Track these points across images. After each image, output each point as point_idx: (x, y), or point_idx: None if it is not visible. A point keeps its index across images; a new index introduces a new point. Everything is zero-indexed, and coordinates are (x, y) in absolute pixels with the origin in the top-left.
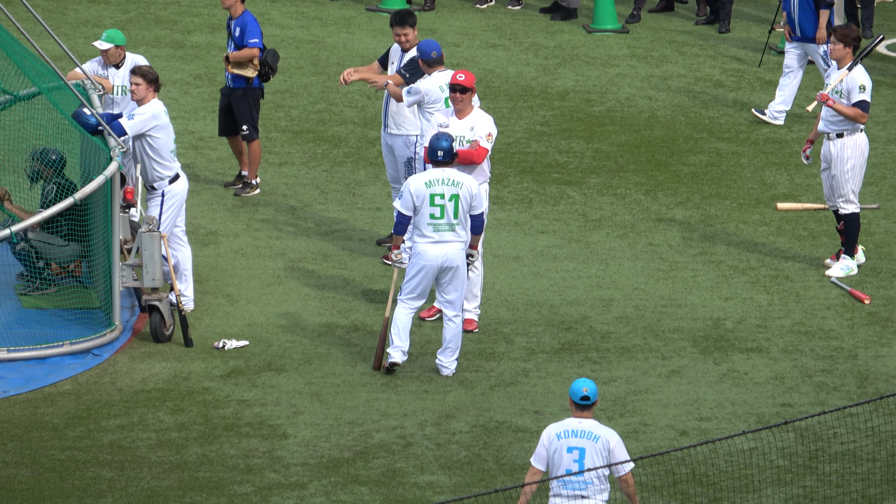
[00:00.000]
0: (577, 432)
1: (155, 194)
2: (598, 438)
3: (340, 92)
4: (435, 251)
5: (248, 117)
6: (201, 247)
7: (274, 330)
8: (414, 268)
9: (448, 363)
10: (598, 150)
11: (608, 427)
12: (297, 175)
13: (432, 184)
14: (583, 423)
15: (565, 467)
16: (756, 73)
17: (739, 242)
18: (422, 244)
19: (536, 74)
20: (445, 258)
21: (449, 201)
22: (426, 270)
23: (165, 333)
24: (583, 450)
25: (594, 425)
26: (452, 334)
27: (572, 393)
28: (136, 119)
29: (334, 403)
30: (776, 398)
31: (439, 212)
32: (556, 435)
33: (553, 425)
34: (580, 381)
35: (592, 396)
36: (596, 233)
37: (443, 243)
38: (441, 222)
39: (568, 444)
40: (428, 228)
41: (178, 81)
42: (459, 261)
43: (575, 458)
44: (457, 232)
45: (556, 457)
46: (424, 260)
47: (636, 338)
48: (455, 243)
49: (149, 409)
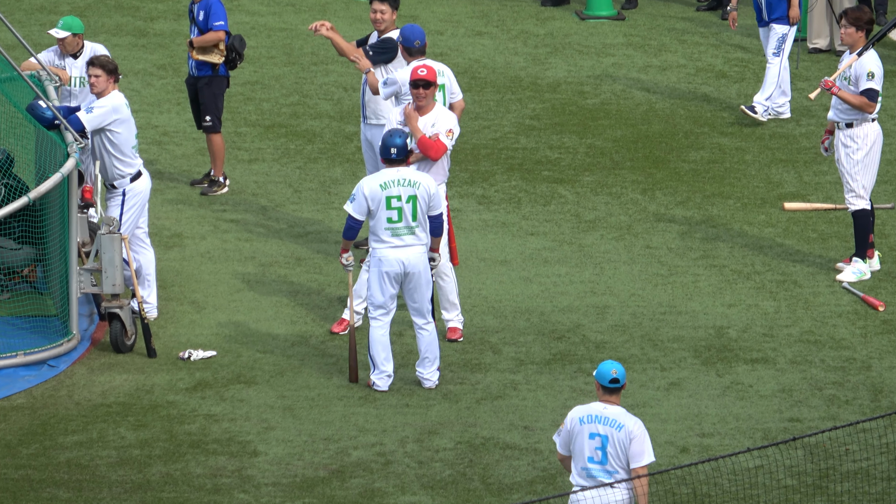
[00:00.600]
0: (601, 418)
1: (115, 193)
2: (621, 427)
3: (315, 84)
4: (395, 256)
5: (212, 107)
6: (165, 250)
7: (243, 339)
8: (374, 277)
9: (429, 374)
10: (592, 145)
11: (635, 416)
12: (268, 173)
13: (388, 185)
14: (608, 409)
15: (587, 455)
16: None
17: (744, 245)
18: (381, 250)
19: (526, 64)
20: (407, 263)
21: (406, 203)
22: (388, 278)
23: (127, 343)
24: (605, 438)
25: (620, 413)
26: (427, 343)
27: (599, 376)
28: (95, 112)
29: (308, 418)
30: (783, 412)
31: (397, 215)
32: (580, 419)
33: (579, 407)
34: (608, 363)
35: (622, 379)
36: (590, 235)
37: (403, 247)
38: (399, 226)
39: (590, 430)
40: (386, 233)
41: (141, 72)
42: (422, 265)
43: (597, 446)
44: (417, 235)
45: (577, 442)
46: (385, 266)
47: (633, 348)
48: (416, 247)
49: (109, 425)
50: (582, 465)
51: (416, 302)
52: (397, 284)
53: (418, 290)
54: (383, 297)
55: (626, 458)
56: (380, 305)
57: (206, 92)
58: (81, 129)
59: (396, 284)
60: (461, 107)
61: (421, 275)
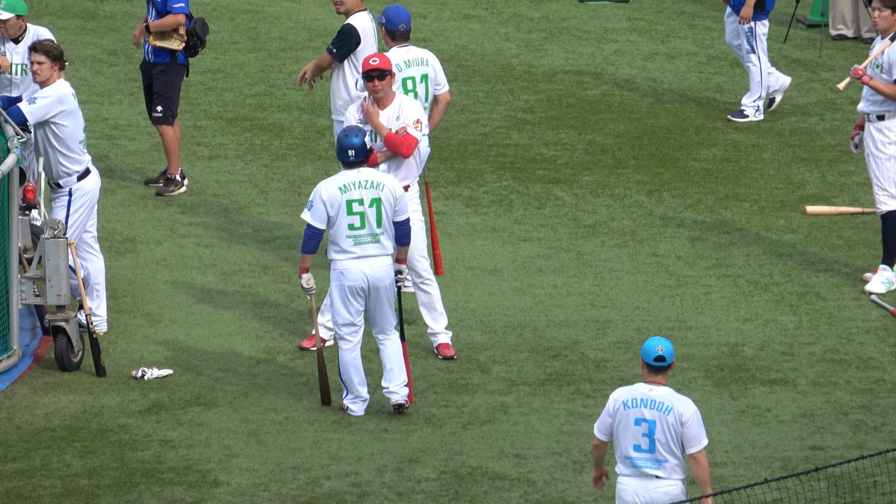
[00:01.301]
0: (646, 401)
1: (61, 193)
2: (670, 410)
3: (283, 72)
4: (358, 268)
5: (165, 97)
6: (116, 256)
7: (203, 357)
8: (336, 292)
9: (396, 388)
10: (592, 141)
11: (684, 396)
12: (231, 171)
13: (348, 188)
14: (654, 390)
15: (632, 442)
16: (781, 51)
17: (761, 253)
18: (342, 262)
19: (518, 51)
20: (371, 276)
21: (370, 207)
22: (352, 293)
23: (73, 360)
24: (652, 423)
25: (668, 394)
26: (391, 353)
27: (644, 353)
28: (39, 103)
29: (275, 445)
30: (805, 440)
31: (359, 221)
32: (623, 403)
33: (621, 390)
34: (654, 339)
35: (669, 357)
36: (589, 241)
37: (366, 258)
38: (362, 233)
39: (635, 416)
40: (347, 242)
41: (89, 58)
42: (388, 279)
43: (644, 432)
44: (381, 243)
45: (621, 428)
46: (347, 280)
47: (637, 367)
48: (380, 257)
49: (53, 451)
50: (625, 453)
51: (380, 318)
52: (362, 299)
53: (382, 307)
54: (349, 314)
55: (676, 445)
56: (346, 326)
57: (161, 80)
58: (23, 121)
59: (361, 299)
60: (447, 100)
61: (387, 289)
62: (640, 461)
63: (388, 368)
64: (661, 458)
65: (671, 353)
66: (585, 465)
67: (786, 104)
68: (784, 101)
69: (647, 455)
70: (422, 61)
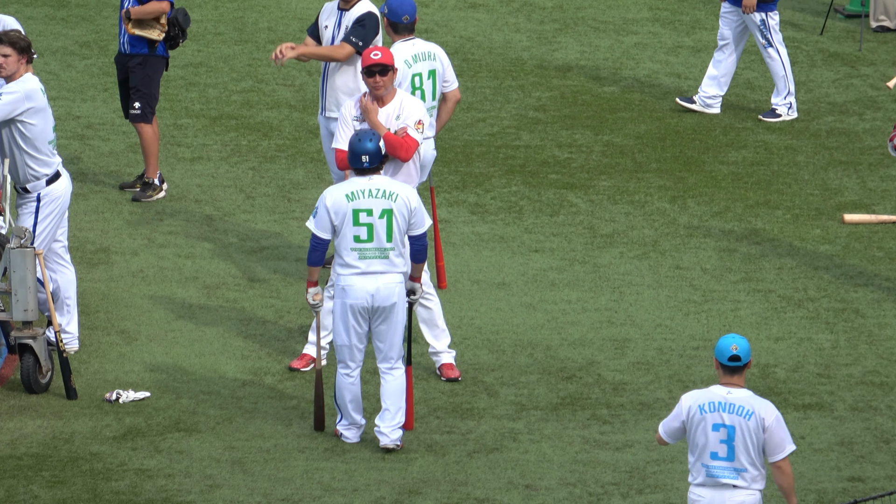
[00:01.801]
0: (724, 405)
1: (28, 198)
2: (750, 415)
3: (272, 66)
4: (362, 286)
5: (143, 92)
6: (89, 268)
7: (183, 378)
8: (337, 311)
9: (387, 429)
10: (610, 143)
11: (765, 399)
12: (214, 174)
13: (356, 196)
14: (732, 393)
15: (710, 449)
16: (817, 43)
17: (795, 266)
18: (346, 277)
19: (530, 44)
20: (377, 295)
21: (379, 219)
22: (354, 313)
23: (41, 381)
24: (732, 428)
25: (747, 397)
26: (391, 391)
27: (718, 353)
28: (4, 100)
29: (262, 474)
30: (842, 470)
31: (366, 233)
32: (699, 408)
33: (695, 393)
34: (728, 338)
35: (745, 356)
36: (607, 252)
37: (372, 275)
38: (369, 247)
39: (713, 421)
40: (352, 255)
41: (60, 50)
42: (396, 297)
43: (722, 439)
44: (391, 259)
45: (697, 435)
46: (350, 298)
47: (659, 390)
48: (389, 274)
49: (19, 481)
50: (703, 461)
51: (383, 343)
52: (366, 321)
53: (389, 330)
54: (348, 337)
55: (757, 452)
56: (345, 347)
57: (139, 73)
58: None
59: (365, 322)
60: (456, 98)
61: (394, 311)
62: (717, 470)
63: (385, 408)
64: (741, 466)
65: (747, 351)
66: (602, 496)
67: (822, 102)
68: (820, 98)
69: (726, 464)
70: (429, 55)
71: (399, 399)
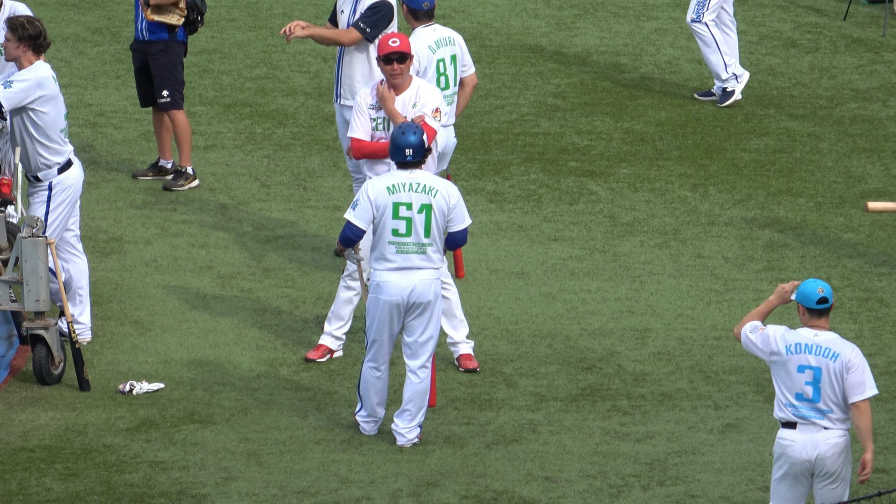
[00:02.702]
0: (811, 347)
1: (40, 187)
2: (836, 356)
3: (287, 52)
4: (398, 282)
5: (169, 79)
6: (101, 257)
7: (198, 369)
8: (372, 306)
9: (404, 430)
10: (630, 130)
11: (849, 342)
12: (229, 162)
13: (396, 189)
14: (819, 336)
15: (797, 390)
16: (840, 29)
17: (818, 254)
18: (382, 273)
19: (548, 30)
20: (413, 292)
21: (418, 213)
22: (389, 309)
23: (53, 373)
24: (818, 370)
25: (834, 339)
26: (414, 392)
27: (803, 297)
28: (15, 87)
29: (278, 466)
30: None
31: (405, 227)
32: (787, 348)
33: (785, 331)
34: (812, 282)
35: (831, 298)
36: (627, 241)
37: (409, 270)
38: (407, 241)
39: (799, 362)
40: (389, 249)
41: (71, 37)
42: (432, 294)
43: (808, 381)
44: (428, 255)
45: (782, 375)
46: (385, 294)
47: (680, 381)
48: (426, 270)
49: (31, 474)
50: (788, 401)
51: (412, 339)
52: (400, 318)
53: (420, 326)
54: (380, 333)
55: (842, 393)
56: (378, 344)
57: (162, 61)
58: None
59: (399, 318)
60: (474, 83)
61: (429, 308)
62: (804, 411)
63: (405, 409)
64: (827, 408)
65: (831, 293)
66: (622, 488)
67: (845, 89)
68: (843, 85)
69: (810, 405)
70: (449, 41)
71: (422, 400)
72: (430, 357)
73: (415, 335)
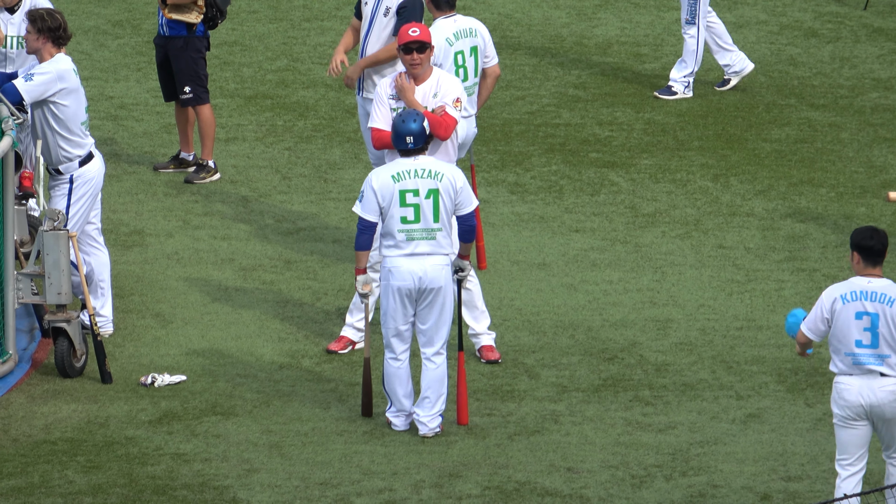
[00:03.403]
0: (866, 294)
1: (61, 180)
2: (893, 301)
3: (308, 44)
4: (409, 267)
5: (191, 74)
6: (123, 250)
7: (220, 361)
8: (384, 293)
9: (427, 419)
10: (651, 121)
11: None
12: (250, 155)
13: (401, 177)
14: (873, 282)
15: (854, 338)
16: (861, 19)
17: (839, 244)
18: (392, 259)
19: (569, 20)
20: (424, 277)
21: (426, 199)
22: (401, 295)
23: (75, 365)
24: (875, 315)
25: (888, 285)
26: (431, 379)
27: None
28: (36, 80)
29: (300, 458)
30: None
31: (413, 213)
32: (842, 298)
33: (837, 286)
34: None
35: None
36: (648, 232)
37: (419, 256)
38: (416, 228)
39: (856, 309)
40: (399, 236)
41: (92, 30)
42: (443, 280)
43: (866, 327)
44: (437, 240)
45: (840, 324)
46: (396, 280)
47: (702, 371)
48: (436, 256)
49: (54, 466)
50: (847, 349)
51: (426, 327)
52: (412, 304)
53: (433, 313)
54: (396, 320)
55: None
56: (393, 331)
57: (182, 56)
58: (19, 100)
59: (412, 304)
60: (496, 73)
61: (441, 292)
62: (863, 357)
63: (425, 396)
64: (885, 353)
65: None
66: (645, 479)
67: (866, 78)
68: (864, 74)
69: (871, 350)
70: (471, 32)
71: (440, 387)
72: (444, 343)
73: (428, 322)
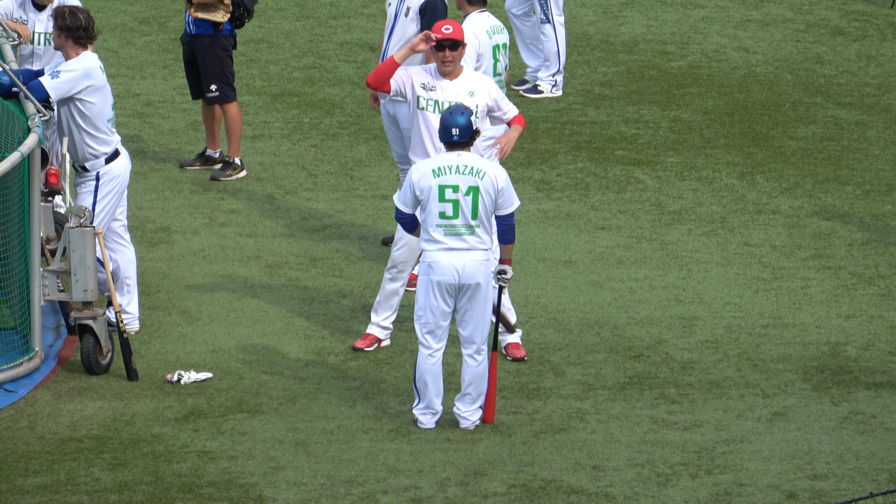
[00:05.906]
0: None
1: (87, 177)
2: None
3: (334, 42)
4: (449, 262)
5: (217, 73)
6: (149, 247)
7: (246, 358)
8: (423, 287)
9: (468, 413)
10: (678, 119)
11: None
12: (276, 152)
13: (442, 171)
14: None
15: None
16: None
17: (865, 242)
18: (431, 253)
19: (595, 18)
20: (463, 272)
21: (465, 195)
22: (440, 289)
23: (101, 363)
24: None
25: None
26: (473, 376)
27: None
28: (63, 77)
29: (326, 456)
30: None
31: (451, 209)
32: None
33: None
34: None
35: None
36: (674, 229)
37: (458, 251)
38: (455, 223)
39: None
40: (438, 231)
41: (119, 27)
42: (481, 276)
43: None
44: (477, 236)
45: None
46: (437, 274)
47: (728, 369)
48: (475, 251)
49: (80, 464)
50: None
51: (467, 325)
52: (452, 299)
53: (474, 310)
54: (433, 314)
55: None
56: (429, 325)
57: (208, 55)
58: (46, 97)
59: (451, 299)
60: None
61: (480, 289)
62: None
63: (466, 392)
64: None
65: None
66: (670, 477)
67: (893, 77)
68: (891, 73)
69: None
70: (501, 30)
71: (481, 384)
72: (485, 340)
73: (468, 321)
